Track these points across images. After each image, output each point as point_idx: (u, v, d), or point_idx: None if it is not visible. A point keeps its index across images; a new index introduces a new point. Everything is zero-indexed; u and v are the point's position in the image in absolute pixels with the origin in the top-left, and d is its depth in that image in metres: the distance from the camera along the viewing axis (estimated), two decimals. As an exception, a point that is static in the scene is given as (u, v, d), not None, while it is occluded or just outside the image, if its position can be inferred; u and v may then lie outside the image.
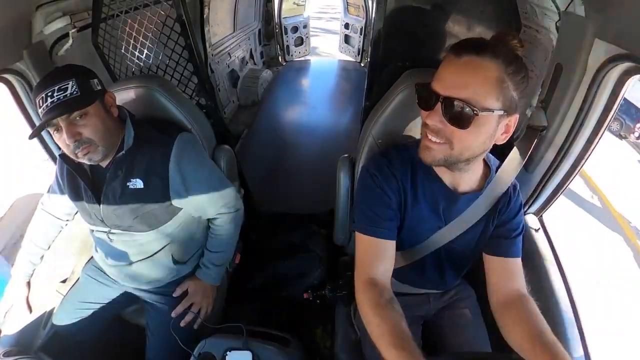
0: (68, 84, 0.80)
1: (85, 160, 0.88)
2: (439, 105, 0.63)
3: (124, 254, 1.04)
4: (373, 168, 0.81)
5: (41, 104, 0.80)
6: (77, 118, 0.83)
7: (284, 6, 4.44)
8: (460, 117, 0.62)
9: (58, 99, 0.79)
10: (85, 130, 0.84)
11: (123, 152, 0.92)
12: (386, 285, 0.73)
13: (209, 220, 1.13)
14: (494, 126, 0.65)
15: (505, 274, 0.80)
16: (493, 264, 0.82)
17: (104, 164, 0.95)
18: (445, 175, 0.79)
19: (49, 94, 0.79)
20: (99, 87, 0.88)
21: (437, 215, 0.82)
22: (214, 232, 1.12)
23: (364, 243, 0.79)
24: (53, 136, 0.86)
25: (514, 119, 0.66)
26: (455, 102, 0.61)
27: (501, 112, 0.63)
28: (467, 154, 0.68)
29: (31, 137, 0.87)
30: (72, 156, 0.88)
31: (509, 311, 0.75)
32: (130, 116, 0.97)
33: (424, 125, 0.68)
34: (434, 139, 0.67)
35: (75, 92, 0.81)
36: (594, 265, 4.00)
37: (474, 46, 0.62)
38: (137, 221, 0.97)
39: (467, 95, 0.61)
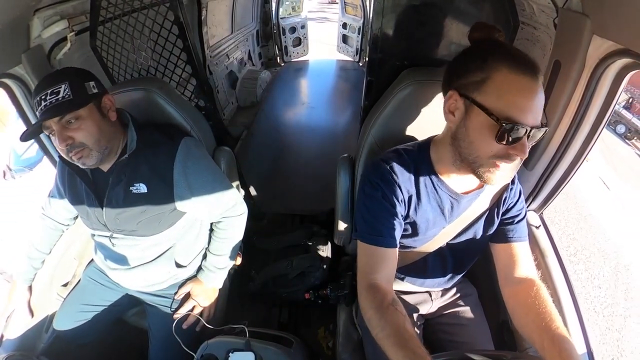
0: (60, 87, 0.80)
1: (79, 164, 0.88)
2: (525, 136, 0.61)
3: (125, 258, 1.03)
4: (375, 177, 0.79)
5: (37, 107, 0.80)
6: (71, 121, 0.82)
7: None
8: (539, 140, 0.65)
9: (50, 102, 0.79)
10: (77, 134, 0.83)
11: (126, 156, 0.91)
12: (388, 289, 0.73)
13: (212, 223, 1.12)
14: None
15: (513, 259, 0.81)
16: (500, 251, 0.84)
17: (105, 167, 0.94)
18: (450, 178, 0.78)
19: (43, 97, 0.79)
20: (95, 90, 0.87)
21: (442, 216, 0.82)
22: (218, 236, 1.11)
23: (365, 251, 0.78)
24: (52, 139, 0.85)
25: None
26: (540, 130, 0.62)
27: None
28: None
29: (22, 139, 0.86)
30: (67, 159, 0.87)
31: (519, 299, 0.75)
32: (133, 120, 0.96)
33: (502, 156, 0.64)
34: (508, 165, 0.65)
35: (67, 96, 0.80)
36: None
37: (538, 69, 0.62)
38: (140, 225, 0.96)
39: (542, 119, 0.63)
